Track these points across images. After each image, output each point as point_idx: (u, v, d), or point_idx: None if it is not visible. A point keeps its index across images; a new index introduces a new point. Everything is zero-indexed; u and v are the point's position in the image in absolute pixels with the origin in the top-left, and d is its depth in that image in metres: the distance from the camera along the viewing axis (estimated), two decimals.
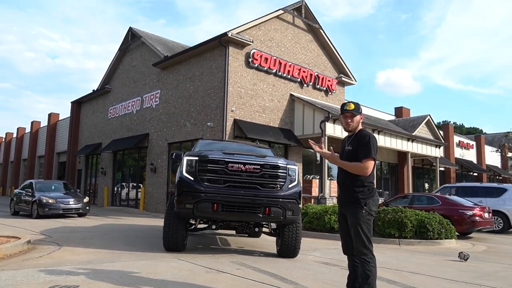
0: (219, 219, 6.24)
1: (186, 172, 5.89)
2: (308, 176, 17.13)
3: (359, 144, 3.40)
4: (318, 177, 17.02)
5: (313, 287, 4.32)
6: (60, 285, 3.96)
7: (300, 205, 6.21)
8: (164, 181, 17.37)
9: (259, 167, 5.87)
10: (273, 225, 6.80)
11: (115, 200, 21.32)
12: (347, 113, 3.54)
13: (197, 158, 5.94)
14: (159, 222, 11.78)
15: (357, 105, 3.58)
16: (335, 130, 15.60)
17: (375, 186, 3.49)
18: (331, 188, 16.08)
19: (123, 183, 21.09)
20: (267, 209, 5.75)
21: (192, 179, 5.80)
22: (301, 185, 6.97)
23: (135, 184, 20.14)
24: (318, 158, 17.52)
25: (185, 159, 6.01)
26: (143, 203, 18.26)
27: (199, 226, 6.87)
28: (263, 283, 4.44)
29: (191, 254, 6.25)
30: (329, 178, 16.49)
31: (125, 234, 8.87)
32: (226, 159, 5.85)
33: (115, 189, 21.47)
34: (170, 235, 6.21)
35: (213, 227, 6.48)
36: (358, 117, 3.54)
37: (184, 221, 6.24)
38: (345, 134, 3.83)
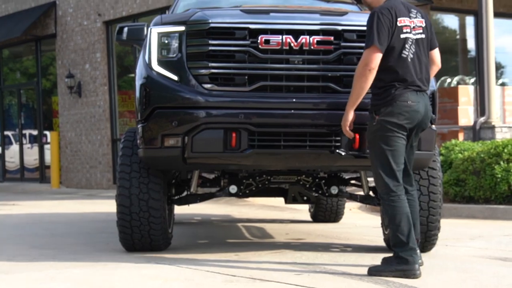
0: (244, 169, 6.38)
1: (160, 62, 5.99)
2: (449, 80, 17.23)
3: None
4: (471, 80, 17.36)
5: None
6: None
7: (434, 127, 6.17)
8: (104, 112, 17.79)
9: (332, 37, 5.85)
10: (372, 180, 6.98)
11: None
12: None
13: (183, 27, 5.98)
14: (104, 206, 11.90)
15: None
16: None
17: (408, 85, 4.97)
18: (506, 106, 16.30)
19: (7, 132, 21.63)
20: (357, 136, 5.69)
21: (176, 78, 5.93)
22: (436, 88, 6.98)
23: (34, 132, 20.49)
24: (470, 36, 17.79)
25: (155, 32, 6.07)
26: (57, 169, 18.79)
27: (197, 191, 6.93)
28: None
29: (184, 255, 6.49)
30: (500, 83, 16.58)
31: (30, 231, 9.19)
32: (253, 25, 5.87)
33: None
34: (132, 215, 6.28)
35: (231, 189, 6.53)
36: None
37: (161, 179, 6.37)
38: None
